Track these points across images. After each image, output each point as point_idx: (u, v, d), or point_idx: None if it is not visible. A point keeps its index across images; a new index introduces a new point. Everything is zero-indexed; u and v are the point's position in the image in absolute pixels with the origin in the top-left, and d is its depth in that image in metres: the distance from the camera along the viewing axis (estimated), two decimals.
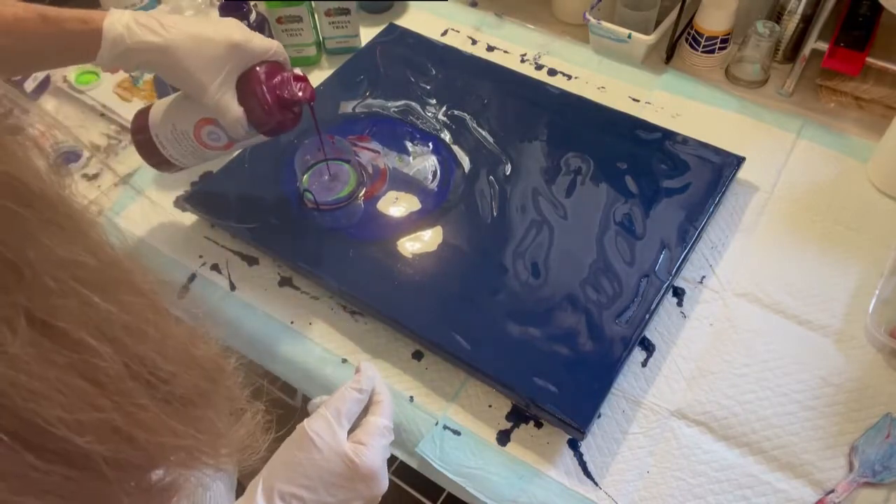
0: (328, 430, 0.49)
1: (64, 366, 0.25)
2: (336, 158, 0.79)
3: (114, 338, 0.27)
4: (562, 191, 0.76)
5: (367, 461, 0.49)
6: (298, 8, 0.89)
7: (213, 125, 0.65)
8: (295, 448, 0.49)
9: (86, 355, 0.26)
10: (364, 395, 0.53)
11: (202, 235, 0.78)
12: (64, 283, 0.25)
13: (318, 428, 0.49)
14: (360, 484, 0.49)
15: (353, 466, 0.48)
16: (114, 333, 0.27)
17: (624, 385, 0.65)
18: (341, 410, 0.50)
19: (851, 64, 0.82)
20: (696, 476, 0.60)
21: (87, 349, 0.26)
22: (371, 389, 0.54)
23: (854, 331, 0.67)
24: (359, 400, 0.52)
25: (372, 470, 0.49)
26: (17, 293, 0.24)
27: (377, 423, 0.52)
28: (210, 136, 0.66)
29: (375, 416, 0.52)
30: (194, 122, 0.65)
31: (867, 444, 0.60)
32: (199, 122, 0.65)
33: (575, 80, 0.92)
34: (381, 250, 0.72)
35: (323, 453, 0.48)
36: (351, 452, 0.49)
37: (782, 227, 0.75)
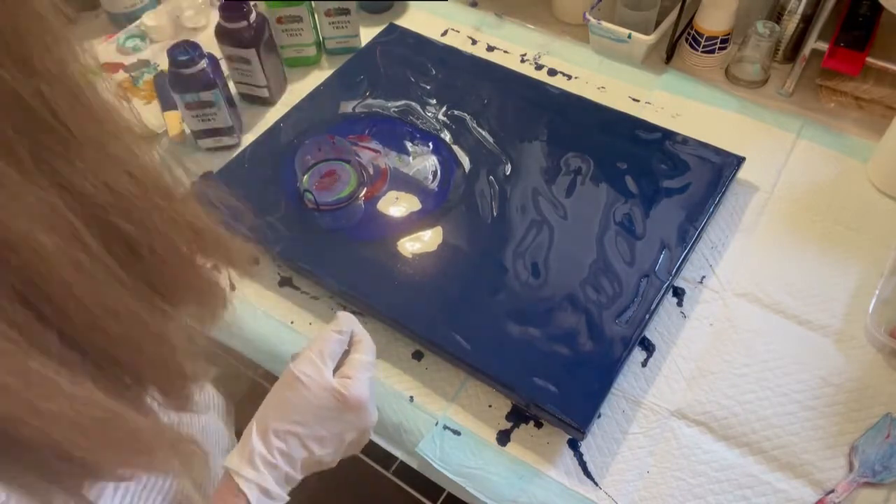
0: (314, 369, 0.50)
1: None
2: (336, 158, 0.79)
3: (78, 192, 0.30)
4: (562, 191, 0.76)
5: (355, 392, 0.50)
6: (298, 8, 0.89)
7: None
8: (284, 389, 0.50)
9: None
10: (345, 336, 0.54)
11: None
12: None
13: (304, 368, 0.51)
14: (351, 415, 0.51)
15: (342, 398, 0.50)
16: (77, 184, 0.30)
17: (624, 385, 0.65)
18: (324, 351, 0.52)
19: (851, 64, 0.82)
20: (696, 476, 0.60)
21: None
22: (350, 331, 0.55)
23: (854, 331, 0.67)
24: (340, 341, 0.54)
25: (360, 400, 0.50)
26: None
27: (360, 358, 0.53)
28: None
29: (357, 353, 0.54)
30: None
31: (867, 444, 0.60)
32: None
33: (575, 80, 0.92)
34: (381, 250, 0.72)
35: (311, 390, 0.49)
36: (338, 385, 0.50)
37: (782, 227, 0.75)
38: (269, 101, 0.91)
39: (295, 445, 0.49)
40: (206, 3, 1.02)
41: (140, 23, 1.00)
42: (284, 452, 0.48)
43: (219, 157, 0.84)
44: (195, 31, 1.01)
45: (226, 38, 0.83)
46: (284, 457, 0.48)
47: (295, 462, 0.49)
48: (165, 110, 0.88)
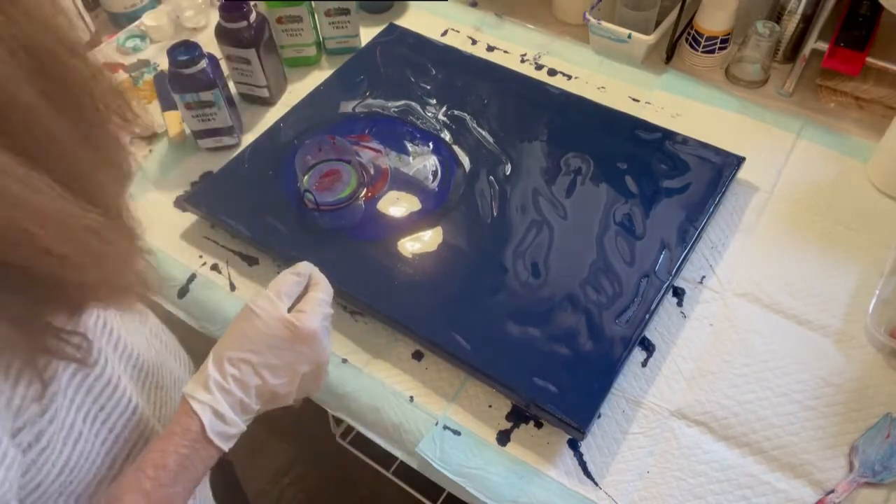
0: (269, 303, 0.52)
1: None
2: (337, 159, 0.79)
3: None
4: (562, 191, 0.76)
5: (307, 323, 0.52)
6: (298, 8, 0.89)
7: None
8: (239, 322, 0.52)
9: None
10: (302, 278, 0.56)
11: (202, 235, 0.78)
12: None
13: (260, 303, 0.52)
14: (303, 345, 0.52)
15: (294, 329, 0.51)
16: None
17: (624, 385, 0.65)
18: (281, 289, 0.54)
19: (851, 64, 0.82)
20: (696, 476, 0.60)
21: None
22: (309, 275, 0.57)
23: (854, 331, 0.67)
24: (297, 282, 0.55)
25: (311, 331, 0.52)
26: None
27: (315, 295, 0.55)
28: None
29: (313, 291, 0.55)
30: None
31: (867, 444, 0.60)
32: None
33: (575, 80, 0.92)
34: (381, 250, 0.72)
35: (265, 321, 0.51)
36: (290, 317, 0.52)
37: (782, 227, 0.75)
38: (269, 101, 0.91)
39: (248, 372, 0.50)
40: (206, 3, 1.02)
41: (140, 23, 1.00)
42: (238, 378, 0.50)
43: (219, 157, 0.84)
44: (195, 31, 1.01)
45: (226, 38, 0.83)
46: (238, 383, 0.50)
47: (249, 388, 0.50)
48: (165, 110, 0.88)
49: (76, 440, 0.44)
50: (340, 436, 0.98)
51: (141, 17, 1.00)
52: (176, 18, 1.01)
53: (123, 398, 0.49)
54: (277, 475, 1.33)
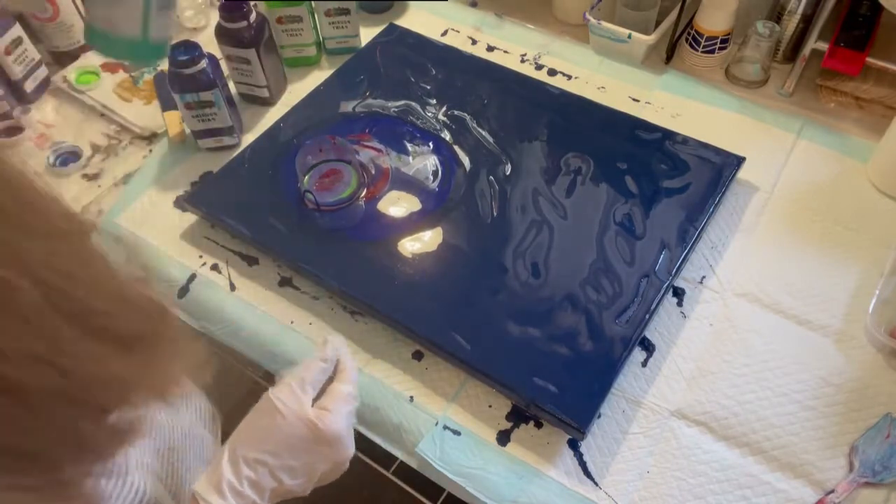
0: (292, 397, 0.50)
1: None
2: (337, 159, 0.79)
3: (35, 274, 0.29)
4: (562, 191, 0.76)
5: (330, 425, 0.49)
6: (298, 8, 0.89)
7: None
8: (259, 415, 0.50)
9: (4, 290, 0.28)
10: (329, 365, 0.53)
11: (202, 235, 0.78)
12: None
13: (282, 395, 0.50)
14: (325, 448, 0.50)
15: (317, 431, 0.49)
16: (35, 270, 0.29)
17: (624, 385, 0.65)
18: (305, 379, 0.51)
19: (851, 64, 0.82)
20: (696, 476, 0.60)
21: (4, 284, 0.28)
22: (336, 359, 0.54)
23: (854, 331, 0.67)
24: (323, 369, 0.53)
25: (336, 433, 0.50)
26: None
27: (341, 389, 0.52)
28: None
29: (339, 383, 0.53)
30: None
31: (867, 444, 0.60)
32: None
33: (575, 80, 0.92)
34: (381, 250, 0.72)
35: (287, 419, 0.49)
36: (314, 417, 0.49)
37: (782, 227, 0.75)
38: (269, 101, 0.91)
39: (264, 475, 0.48)
40: (206, 3, 1.02)
41: None
42: (253, 481, 0.47)
43: (219, 157, 0.84)
44: (195, 31, 1.01)
45: (226, 38, 0.83)
46: (253, 486, 0.47)
47: (263, 491, 0.48)
48: (165, 110, 0.88)
49: None
50: None
51: None
52: (176, 18, 1.01)
53: (134, 491, 0.46)
54: None
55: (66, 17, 0.94)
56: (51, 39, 0.95)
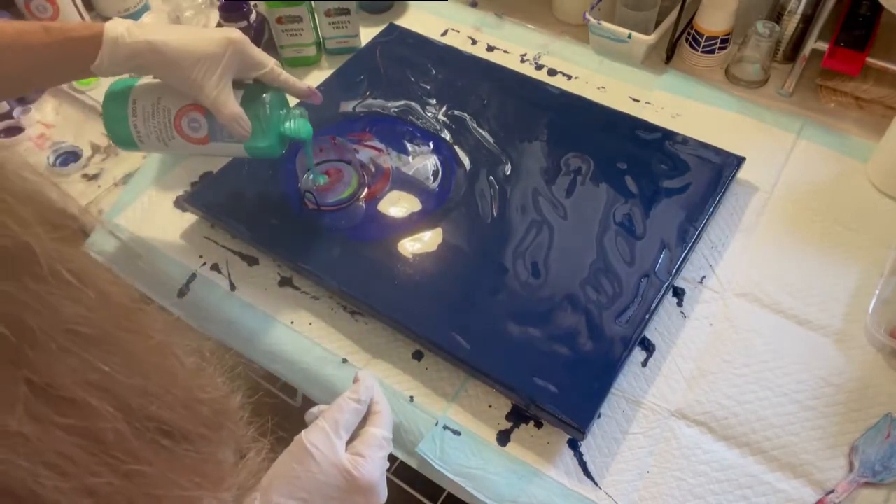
0: (326, 442, 0.49)
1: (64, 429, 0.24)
2: (337, 159, 0.79)
3: (117, 395, 0.26)
4: (562, 191, 0.76)
5: (365, 474, 0.48)
6: (298, 8, 0.89)
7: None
8: (293, 461, 0.48)
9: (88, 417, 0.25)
10: (363, 406, 0.52)
11: (202, 235, 0.78)
12: (64, 345, 0.25)
13: (315, 440, 0.49)
14: (359, 496, 0.49)
15: (352, 479, 0.48)
16: (116, 391, 0.26)
17: (624, 385, 0.65)
18: (339, 422, 0.50)
19: (851, 64, 0.82)
20: (696, 476, 0.60)
21: (89, 410, 0.25)
22: (369, 399, 0.53)
23: (854, 331, 0.67)
24: (357, 410, 0.52)
25: (371, 482, 0.49)
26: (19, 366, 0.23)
27: (376, 434, 0.51)
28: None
29: (374, 426, 0.52)
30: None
31: (867, 444, 0.60)
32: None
33: (575, 80, 0.92)
34: (381, 250, 0.72)
35: (321, 466, 0.48)
36: (349, 465, 0.48)
37: (782, 227, 0.75)
38: None
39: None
40: (206, 3, 1.02)
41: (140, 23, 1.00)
42: None
43: (219, 157, 0.84)
44: None
45: None
46: None
47: None
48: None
49: None
50: None
51: (141, 18, 1.00)
52: (176, 18, 1.01)
53: None
54: None
55: (66, 17, 0.94)
56: None
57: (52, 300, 0.25)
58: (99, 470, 0.26)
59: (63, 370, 0.24)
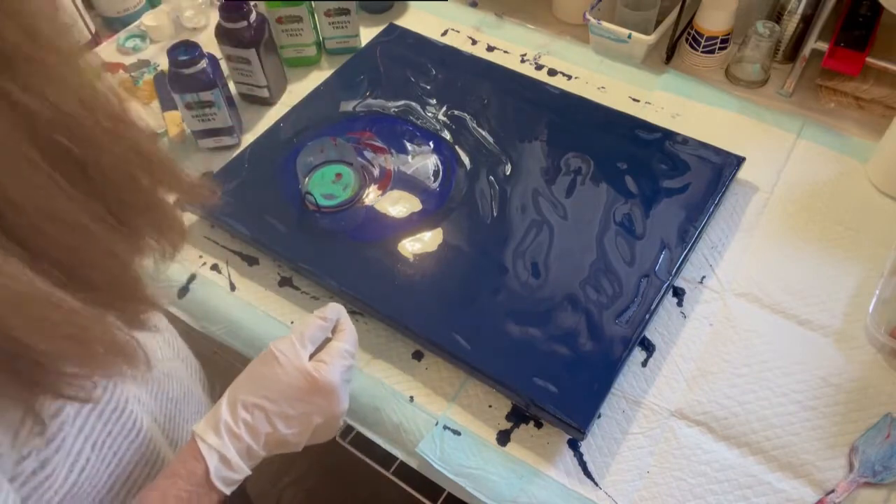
0: (291, 348, 0.52)
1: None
2: (338, 161, 0.79)
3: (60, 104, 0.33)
4: (562, 191, 0.76)
5: (326, 376, 0.51)
6: (298, 8, 0.89)
7: None
8: (259, 364, 0.52)
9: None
10: (328, 323, 0.55)
11: (202, 235, 0.78)
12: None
13: (282, 347, 0.52)
14: (320, 398, 0.51)
15: (313, 380, 0.51)
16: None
17: (624, 385, 0.65)
18: (305, 334, 0.53)
19: (851, 64, 0.82)
20: (696, 476, 0.60)
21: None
22: (336, 320, 0.56)
23: (854, 331, 0.67)
24: (322, 327, 0.54)
25: (331, 384, 0.51)
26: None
27: (338, 346, 0.54)
28: None
29: (338, 341, 0.55)
30: None
31: (867, 444, 0.60)
32: None
33: (575, 80, 0.92)
34: (381, 250, 0.72)
35: (285, 368, 0.51)
36: (311, 368, 0.51)
37: (782, 227, 0.75)
38: (269, 101, 0.91)
39: (260, 419, 0.50)
40: (206, 3, 1.02)
41: (140, 23, 1.00)
42: (249, 424, 0.49)
43: (219, 157, 0.84)
44: (195, 31, 1.01)
45: (226, 38, 0.83)
46: (249, 429, 0.49)
47: (259, 436, 0.50)
48: (165, 110, 0.88)
49: (82, 467, 0.44)
50: (340, 436, 0.98)
51: (141, 18, 1.00)
52: (176, 18, 1.01)
53: (132, 423, 0.48)
54: (277, 476, 1.33)
55: (66, 16, 0.94)
56: None
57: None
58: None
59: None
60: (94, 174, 0.36)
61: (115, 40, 0.99)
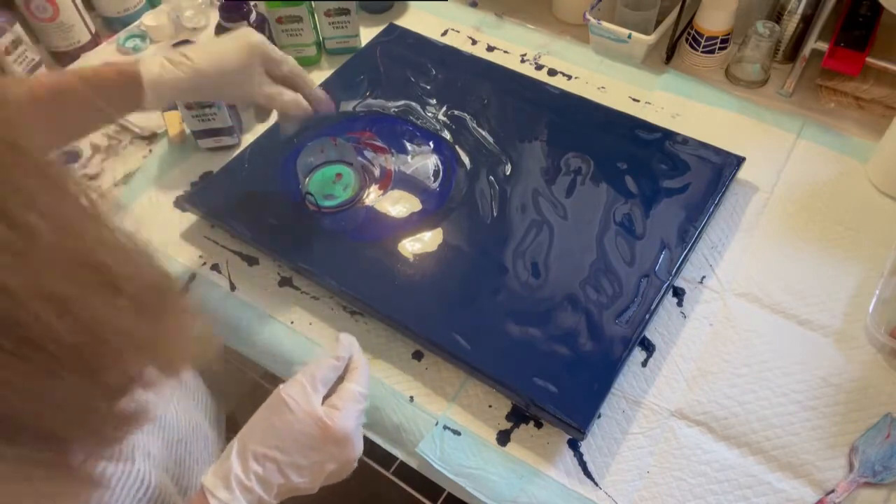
0: (302, 394, 0.50)
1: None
2: (339, 161, 0.79)
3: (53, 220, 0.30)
4: (562, 191, 0.76)
5: (339, 423, 0.50)
6: (298, 8, 0.89)
7: None
8: (270, 411, 0.50)
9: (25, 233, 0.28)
10: (340, 363, 0.54)
11: (202, 235, 0.78)
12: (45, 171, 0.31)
13: (293, 392, 0.50)
14: (333, 447, 0.50)
15: (326, 429, 0.49)
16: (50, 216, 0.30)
17: (624, 385, 0.65)
18: (316, 376, 0.51)
19: (851, 64, 0.82)
20: (696, 476, 0.60)
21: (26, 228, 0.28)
22: (348, 358, 0.54)
23: (854, 331, 0.67)
24: (335, 367, 0.53)
25: (344, 432, 0.50)
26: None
27: (351, 388, 0.52)
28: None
29: (350, 382, 0.53)
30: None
31: (867, 444, 0.60)
32: None
33: (575, 80, 0.92)
34: (381, 250, 0.72)
35: (296, 416, 0.49)
36: (324, 415, 0.50)
37: (782, 227, 0.75)
38: None
39: (272, 471, 0.48)
40: (206, 3, 1.02)
41: (140, 23, 1.00)
42: (261, 477, 0.48)
43: (219, 157, 0.84)
44: (195, 31, 1.01)
45: None
46: (260, 481, 0.48)
47: (271, 487, 0.48)
48: (165, 110, 0.88)
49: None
50: None
51: (141, 18, 1.00)
52: (176, 18, 1.01)
53: (140, 481, 0.47)
54: None
55: (66, 17, 0.94)
56: (51, 39, 0.95)
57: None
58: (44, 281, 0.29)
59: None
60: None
61: (115, 40, 0.99)
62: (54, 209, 0.30)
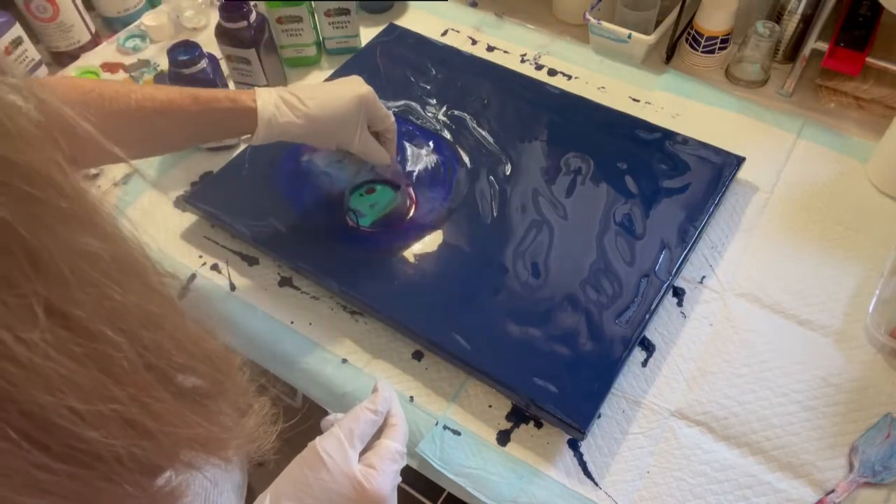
0: (339, 450, 0.48)
1: (80, 356, 0.25)
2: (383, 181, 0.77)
3: (129, 329, 0.27)
4: (562, 191, 0.76)
5: (375, 486, 0.48)
6: (298, 8, 0.89)
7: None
8: (305, 466, 0.48)
9: (103, 346, 0.26)
10: (379, 417, 0.52)
11: (202, 235, 0.78)
12: (82, 274, 0.25)
13: (329, 448, 0.48)
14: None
15: (362, 490, 0.47)
16: (129, 325, 0.27)
17: (624, 385, 0.65)
18: (354, 431, 0.50)
19: (851, 64, 0.82)
20: (696, 476, 0.60)
21: (104, 340, 0.26)
22: (386, 411, 0.53)
23: (854, 331, 0.67)
24: (373, 421, 0.51)
25: (381, 496, 0.48)
26: (36, 282, 0.24)
27: (390, 447, 0.51)
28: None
29: (389, 439, 0.51)
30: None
31: (867, 444, 0.60)
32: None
33: (575, 80, 0.92)
34: (381, 250, 0.72)
35: (332, 474, 0.47)
36: (360, 476, 0.48)
37: (782, 227, 0.75)
38: None
39: None
40: (206, 3, 1.02)
41: (140, 23, 1.00)
42: None
43: (219, 157, 0.84)
44: (195, 31, 1.01)
45: (226, 38, 0.83)
46: None
47: None
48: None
49: None
50: None
51: (141, 18, 1.00)
52: (176, 18, 1.01)
53: None
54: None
55: (66, 17, 0.94)
56: (51, 39, 0.95)
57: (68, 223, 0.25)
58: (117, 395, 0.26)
59: (79, 297, 0.25)
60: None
61: (115, 40, 0.99)
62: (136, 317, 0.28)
